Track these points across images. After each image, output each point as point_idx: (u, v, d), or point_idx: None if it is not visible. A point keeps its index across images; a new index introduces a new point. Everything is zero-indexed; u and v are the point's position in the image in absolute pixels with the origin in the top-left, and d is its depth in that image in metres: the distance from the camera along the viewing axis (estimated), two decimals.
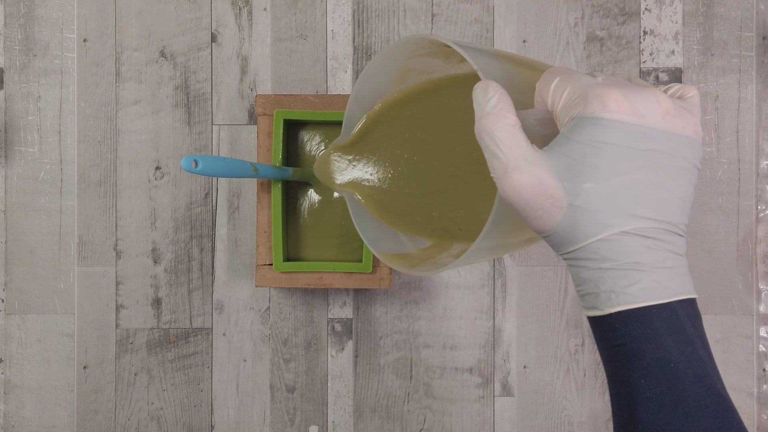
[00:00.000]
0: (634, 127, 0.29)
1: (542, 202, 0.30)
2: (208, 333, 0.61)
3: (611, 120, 0.29)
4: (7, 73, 0.61)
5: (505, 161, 0.30)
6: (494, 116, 0.30)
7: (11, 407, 0.61)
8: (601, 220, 0.29)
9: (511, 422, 0.60)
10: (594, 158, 0.29)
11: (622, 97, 0.29)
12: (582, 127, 0.30)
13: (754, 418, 0.59)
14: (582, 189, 0.29)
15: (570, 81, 0.31)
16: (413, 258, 0.45)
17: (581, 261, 0.31)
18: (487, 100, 0.31)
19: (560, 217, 0.30)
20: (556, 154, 0.30)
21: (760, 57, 0.60)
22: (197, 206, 0.61)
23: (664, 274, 0.29)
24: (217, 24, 0.61)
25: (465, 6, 0.61)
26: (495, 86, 0.31)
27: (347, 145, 0.47)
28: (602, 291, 0.30)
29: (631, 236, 0.29)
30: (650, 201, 0.30)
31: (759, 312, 0.60)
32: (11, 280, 0.61)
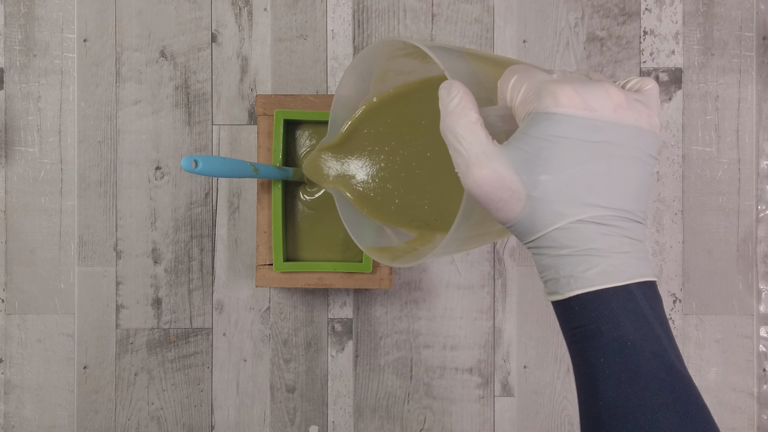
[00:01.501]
0: (586, 120, 0.31)
1: (502, 195, 0.31)
2: (208, 333, 0.61)
3: (563, 114, 0.31)
4: (7, 73, 0.61)
5: (466, 157, 0.32)
6: (456, 114, 0.32)
7: (11, 407, 0.61)
8: (557, 209, 0.31)
9: (511, 422, 0.60)
10: (548, 151, 0.31)
11: (573, 93, 0.31)
12: (537, 122, 0.31)
13: (754, 418, 0.59)
14: (538, 181, 0.31)
15: (526, 78, 0.32)
16: (396, 250, 0.47)
17: (542, 249, 0.32)
18: (451, 99, 0.32)
19: (519, 209, 0.31)
20: (513, 148, 0.31)
21: (760, 57, 0.60)
22: (197, 206, 0.61)
23: (621, 258, 0.31)
24: (217, 24, 0.61)
25: (465, 6, 0.61)
26: (458, 85, 0.32)
27: (334, 144, 0.49)
28: (561, 276, 0.31)
29: (587, 224, 0.31)
30: (604, 190, 0.31)
31: (759, 312, 0.60)
32: (11, 280, 0.61)
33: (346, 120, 0.49)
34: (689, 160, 0.60)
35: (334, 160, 0.50)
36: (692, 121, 0.60)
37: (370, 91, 0.48)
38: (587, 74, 0.35)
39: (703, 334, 0.60)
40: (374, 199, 0.50)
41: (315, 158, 0.49)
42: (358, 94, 0.48)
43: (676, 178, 0.60)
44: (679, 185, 0.60)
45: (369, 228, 0.49)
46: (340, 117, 0.48)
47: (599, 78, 0.34)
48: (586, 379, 0.32)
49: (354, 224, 0.48)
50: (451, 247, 0.38)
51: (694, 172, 0.60)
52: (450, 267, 0.60)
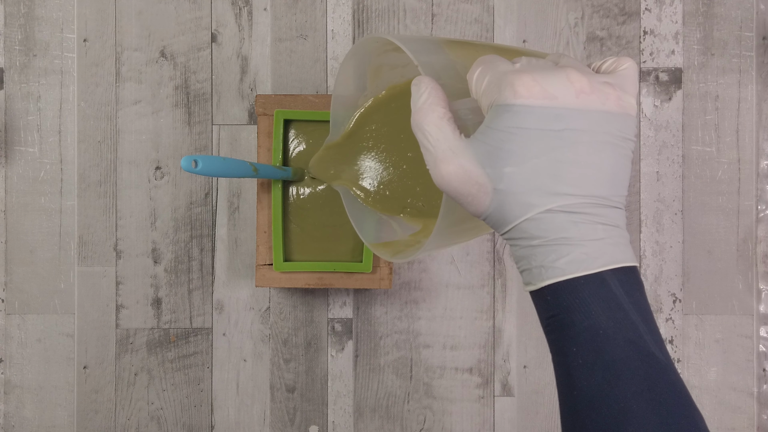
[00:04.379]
0: (546, 110, 0.30)
1: (470, 189, 0.31)
2: (208, 333, 0.61)
3: (522, 105, 0.30)
4: (7, 73, 0.61)
5: (434, 153, 0.32)
6: (424, 111, 0.32)
7: (11, 407, 0.61)
8: (525, 200, 0.31)
9: (511, 422, 0.60)
10: (510, 144, 0.31)
11: (532, 82, 0.30)
12: (497, 115, 0.31)
13: (754, 418, 0.59)
14: (503, 173, 0.31)
15: (489, 69, 0.32)
16: (399, 245, 0.47)
17: (515, 240, 0.32)
18: (419, 95, 0.32)
19: (488, 202, 0.31)
20: (477, 142, 0.31)
21: (760, 57, 0.60)
22: (197, 206, 0.61)
23: (593, 246, 0.30)
24: (217, 24, 0.61)
25: (465, 6, 0.61)
26: (427, 81, 0.32)
27: (338, 143, 0.50)
28: (534, 267, 0.31)
29: (557, 213, 0.31)
30: (571, 178, 0.31)
31: (759, 312, 0.60)
32: (11, 280, 0.61)
33: (348, 118, 0.50)
34: (689, 160, 0.60)
35: (339, 158, 0.50)
36: (692, 121, 0.60)
37: (368, 87, 0.48)
38: (557, 60, 0.34)
39: (703, 334, 0.60)
40: (379, 192, 0.51)
41: (320, 157, 0.50)
42: (357, 92, 0.48)
43: (676, 178, 0.60)
44: (679, 185, 0.60)
45: (372, 223, 0.50)
46: (340, 116, 0.49)
47: (568, 63, 0.33)
48: (562, 369, 0.31)
49: (359, 220, 0.49)
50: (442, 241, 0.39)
51: (694, 172, 0.60)
52: (450, 267, 0.60)
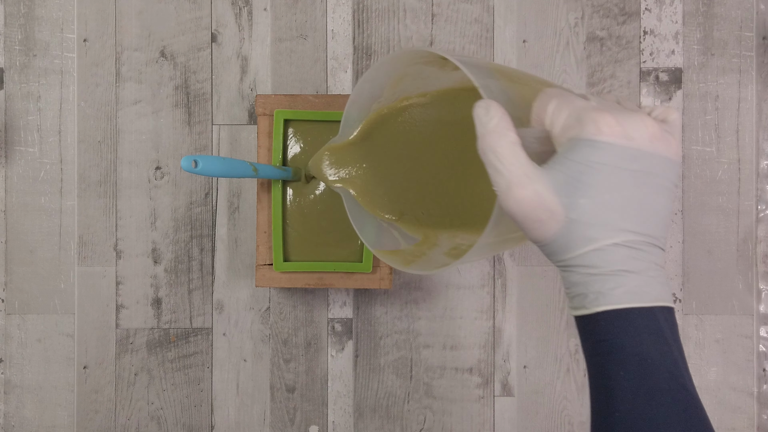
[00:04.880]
0: (625, 149, 0.33)
1: (541, 215, 0.33)
2: (208, 333, 0.61)
3: (605, 142, 0.33)
4: (7, 73, 0.61)
5: (508, 177, 0.33)
6: (497, 134, 0.33)
7: (11, 407, 0.61)
8: (593, 232, 0.33)
9: (511, 422, 0.60)
10: (589, 176, 0.33)
11: (614, 122, 0.33)
12: (579, 148, 0.33)
13: (755, 418, 0.59)
14: (578, 204, 0.33)
15: (566, 104, 0.34)
16: (405, 254, 0.48)
17: (574, 268, 0.34)
18: (490, 118, 0.33)
19: (556, 229, 0.33)
20: (554, 171, 0.33)
21: (760, 57, 0.60)
22: (197, 206, 0.61)
23: (647, 281, 0.33)
24: (217, 24, 0.61)
25: (465, 6, 0.61)
26: (496, 106, 0.34)
27: (346, 144, 0.49)
28: (590, 293, 0.33)
29: (620, 247, 0.33)
30: (636, 216, 0.33)
31: (759, 312, 0.60)
32: (11, 280, 0.61)
33: (359, 121, 0.50)
34: (689, 160, 0.60)
35: (342, 160, 0.50)
36: (692, 121, 0.60)
37: (384, 94, 0.48)
38: (618, 101, 0.37)
39: (703, 334, 0.60)
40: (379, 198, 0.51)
41: (322, 157, 0.50)
42: (373, 96, 0.49)
43: None
44: (678, 185, 0.60)
45: (372, 228, 0.50)
46: (352, 118, 0.49)
47: (631, 107, 0.35)
48: (603, 391, 0.33)
49: (360, 224, 0.49)
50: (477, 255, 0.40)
51: (694, 172, 0.60)
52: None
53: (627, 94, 0.60)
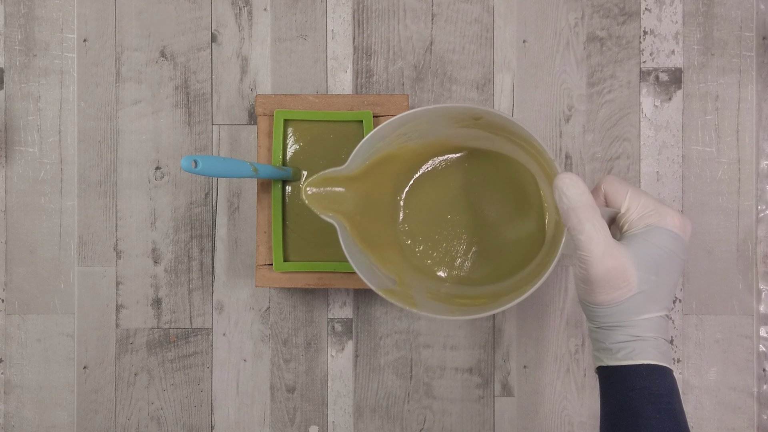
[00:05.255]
0: (683, 241, 0.42)
1: (618, 283, 0.39)
2: (208, 333, 0.61)
3: (676, 234, 0.41)
4: (7, 73, 0.61)
5: (603, 247, 0.39)
6: (592, 208, 0.39)
7: (11, 407, 0.61)
8: (650, 304, 0.40)
9: (511, 422, 0.60)
10: (660, 258, 0.40)
11: (680, 219, 0.42)
12: (657, 234, 0.41)
13: (755, 418, 0.59)
14: (649, 279, 0.40)
15: (641, 194, 0.42)
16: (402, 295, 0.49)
17: (623, 328, 0.41)
18: (581, 192, 0.39)
19: (626, 297, 0.40)
20: (637, 249, 0.40)
21: (760, 57, 0.60)
22: (197, 206, 0.61)
23: (669, 348, 0.42)
24: (217, 24, 0.61)
25: (465, 6, 0.61)
26: (582, 181, 0.40)
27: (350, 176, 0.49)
28: (636, 349, 0.40)
29: (661, 318, 0.41)
30: (671, 295, 0.42)
31: (759, 312, 0.60)
32: (11, 280, 0.61)
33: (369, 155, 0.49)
34: (689, 160, 0.60)
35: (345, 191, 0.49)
36: (692, 121, 0.60)
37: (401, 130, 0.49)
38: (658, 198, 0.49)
39: (703, 334, 0.60)
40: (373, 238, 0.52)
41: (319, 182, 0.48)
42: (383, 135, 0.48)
43: (676, 178, 0.60)
44: (679, 185, 0.60)
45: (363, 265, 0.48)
46: (363, 151, 0.48)
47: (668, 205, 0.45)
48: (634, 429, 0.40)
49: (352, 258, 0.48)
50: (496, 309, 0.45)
51: (694, 172, 0.60)
52: None
53: (627, 94, 0.60)
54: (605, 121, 0.60)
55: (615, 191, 0.43)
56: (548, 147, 0.44)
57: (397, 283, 0.50)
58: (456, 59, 0.61)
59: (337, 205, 0.48)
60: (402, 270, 0.53)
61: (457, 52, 0.61)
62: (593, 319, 0.42)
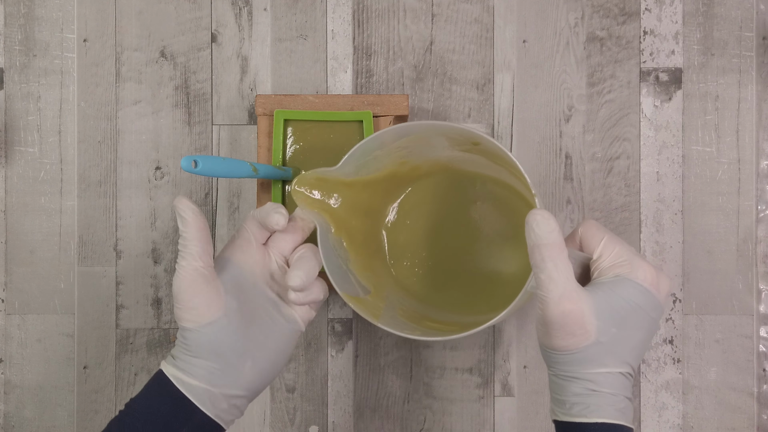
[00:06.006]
0: (654, 299, 0.40)
1: (575, 329, 0.38)
2: None
3: (646, 289, 0.39)
4: (7, 73, 0.61)
5: (562, 289, 0.37)
6: (558, 247, 0.38)
7: (11, 407, 0.61)
8: (608, 358, 0.38)
9: (511, 422, 0.60)
10: (625, 312, 0.39)
11: (654, 274, 0.40)
12: (625, 286, 0.39)
13: (754, 418, 0.59)
14: (609, 331, 0.38)
15: (616, 242, 0.41)
16: (369, 305, 0.49)
17: (579, 380, 0.39)
18: (551, 230, 0.38)
19: (582, 345, 0.38)
20: (599, 297, 0.38)
21: (760, 57, 0.60)
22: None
23: (628, 406, 0.39)
24: (217, 24, 0.61)
25: (465, 6, 0.61)
26: (555, 219, 0.38)
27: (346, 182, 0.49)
28: (591, 405, 0.38)
29: (621, 376, 0.39)
30: (638, 354, 0.40)
31: (759, 312, 0.60)
32: (11, 280, 0.61)
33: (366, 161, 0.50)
34: (689, 160, 0.60)
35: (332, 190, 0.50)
36: (692, 121, 0.60)
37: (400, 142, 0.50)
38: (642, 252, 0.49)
39: (703, 334, 0.60)
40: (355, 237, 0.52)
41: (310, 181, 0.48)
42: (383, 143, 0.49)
43: (676, 178, 0.60)
44: (679, 185, 0.60)
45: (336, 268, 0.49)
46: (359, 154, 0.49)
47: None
48: None
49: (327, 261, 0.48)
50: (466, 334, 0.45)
51: (694, 172, 0.60)
52: None
53: (627, 94, 0.60)
54: (605, 121, 0.60)
55: (591, 236, 0.41)
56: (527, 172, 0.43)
57: (371, 293, 0.51)
58: (456, 59, 0.61)
59: (323, 204, 0.49)
60: (383, 282, 0.54)
61: (457, 52, 0.61)
62: (551, 365, 0.40)
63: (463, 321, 0.52)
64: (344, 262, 0.50)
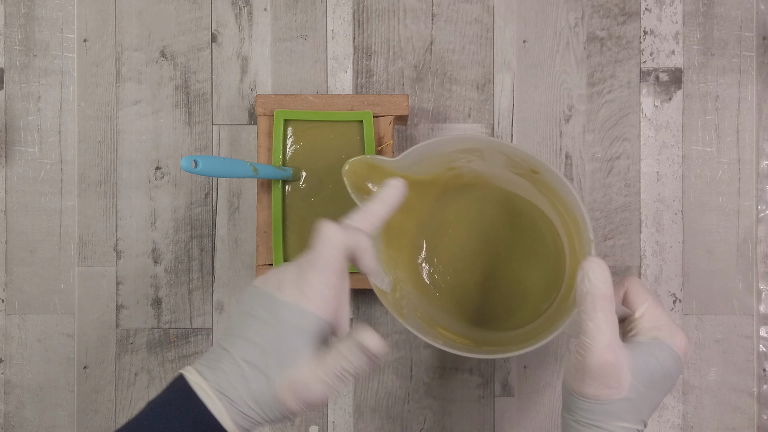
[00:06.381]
0: (681, 365, 0.42)
1: (611, 382, 0.39)
2: (208, 333, 0.61)
3: (678, 356, 0.42)
4: (7, 73, 0.61)
5: (608, 340, 0.38)
6: (610, 299, 0.39)
7: (11, 407, 0.61)
8: (630, 415, 0.40)
9: (511, 422, 0.60)
10: (657, 374, 0.41)
11: (688, 344, 0.42)
12: (662, 351, 0.41)
13: (755, 418, 0.59)
14: (639, 389, 0.40)
15: (659, 307, 0.43)
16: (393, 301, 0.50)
17: (594, 429, 0.40)
18: (605, 281, 0.39)
19: (612, 399, 0.39)
20: (637, 356, 0.40)
21: (760, 57, 0.60)
22: (197, 206, 0.61)
23: None
24: (217, 24, 0.61)
25: (465, 6, 0.61)
26: (609, 272, 0.40)
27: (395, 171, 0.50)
28: None
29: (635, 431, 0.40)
30: (653, 411, 0.42)
31: (759, 312, 0.60)
32: (11, 280, 0.61)
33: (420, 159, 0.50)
34: (689, 160, 0.60)
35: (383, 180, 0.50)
36: (692, 121, 0.60)
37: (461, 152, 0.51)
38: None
39: (703, 334, 0.60)
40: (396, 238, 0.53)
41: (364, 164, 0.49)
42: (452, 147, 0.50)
43: (676, 178, 0.60)
44: (679, 185, 0.60)
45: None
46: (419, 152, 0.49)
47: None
48: None
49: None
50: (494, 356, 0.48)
51: (694, 172, 0.60)
52: None
53: (627, 94, 0.60)
54: (605, 121, 0.60)
55: (636, 294, 0.44)
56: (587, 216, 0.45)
57: (393, 289, 0.51)
58: (456, 59, 0.61)
59: (370, 190, 0.50)
60: (403, 279, 0.53)
61: (457, 52, 0.61)
62: (572, 410, 0.41)
63: (473, 335, 0.53)
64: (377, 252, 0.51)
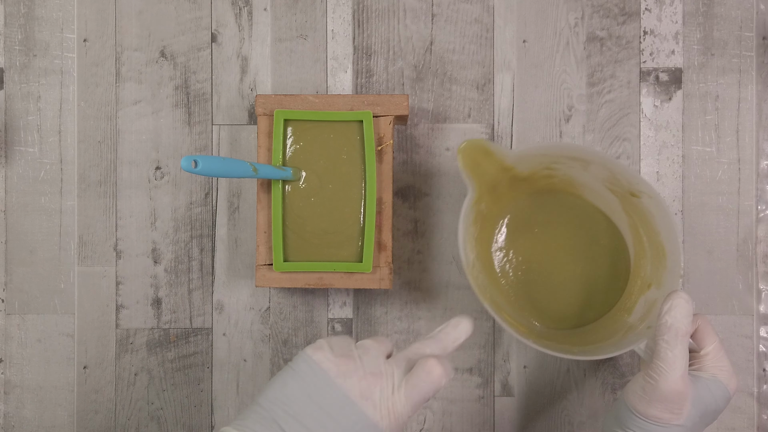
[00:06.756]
0: (727, 404, 0.46)
1: (675, 408, 0.43)
2: (208, 333, 0.61)
3: (730, 397, 0.46)
4: (7, 73, 0.61)
5: (682, 370, 0.42)
6: (687, 335, 0.43)
7: (11, 407, 0.61)
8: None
9: (511, 422, 0.60)
10: (710, 409, 0.45)
11: (737, 385, 0.47)
12: (720, 390, 0.45)
13: (755, 418, 0.59)
14: (694, 419, 0.44)
15: (723, 349, 0.47)
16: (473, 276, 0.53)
17: None
18: (688, 316, 0.43)
19: (671, 423, 0.43)
20: (700, 389, 0.44)
21: (760, 57, 0.60)
22: (197, 206, 0.61)
23: None
24: (217, 24, 0.61)
25: (465, 6, 0.61)
26: (692, 309, 0.43)
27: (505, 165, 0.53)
28: None
29: None
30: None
31: (759, 312, 0.60)
32: (11, 280, 0.61)
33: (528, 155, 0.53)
34: (689, 160, 0.60)
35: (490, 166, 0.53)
36: (692, 121, 0.60)
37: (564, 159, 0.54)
38: None
39: None
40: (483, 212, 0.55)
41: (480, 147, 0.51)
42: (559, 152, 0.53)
43: (676, 178, 0.60)
44: (679, 185, 0.60)
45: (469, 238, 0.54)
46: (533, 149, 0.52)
47: None
48: None
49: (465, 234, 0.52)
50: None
51: (694, 172, 0.60)
52: (450, 267, 0.60)
53: (627, 94, 0.60)
54: (605, 121, 0.60)
55: (706, 334, 0.47)
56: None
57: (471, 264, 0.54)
58: (456, 59, 0.61)
59: (481, 175, 0.52)
60: (477, 259, 0.56)
61: (457, 52, 0.61)
62: (629, 426, 0.45)
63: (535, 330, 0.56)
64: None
